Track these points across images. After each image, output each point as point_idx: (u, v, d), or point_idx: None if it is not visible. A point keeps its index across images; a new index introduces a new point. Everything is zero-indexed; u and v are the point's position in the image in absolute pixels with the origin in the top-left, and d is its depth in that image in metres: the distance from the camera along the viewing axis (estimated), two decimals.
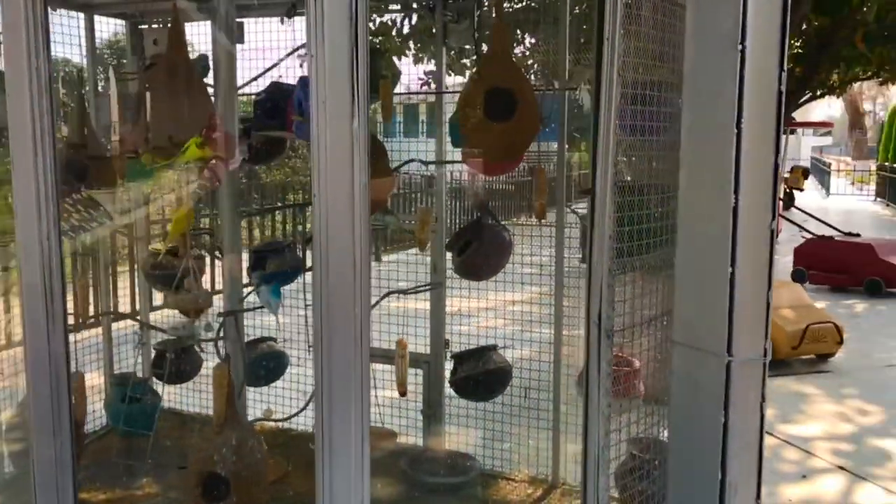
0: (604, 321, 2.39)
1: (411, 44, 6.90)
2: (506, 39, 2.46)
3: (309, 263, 3.97)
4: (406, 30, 6.63)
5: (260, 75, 3.14)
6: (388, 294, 3.28)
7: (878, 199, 22.13)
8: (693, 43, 1.87)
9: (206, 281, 4.53)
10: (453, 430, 3.97)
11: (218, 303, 3.87)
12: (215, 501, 2.48)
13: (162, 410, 4.08)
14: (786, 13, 1.74)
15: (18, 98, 2.11)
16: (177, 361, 4.10)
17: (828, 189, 24.03)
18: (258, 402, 4.29)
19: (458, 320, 4.25)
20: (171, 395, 4.36)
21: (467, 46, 3.46)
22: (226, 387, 2.51)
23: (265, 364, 3.90)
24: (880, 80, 12.62)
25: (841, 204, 21.04)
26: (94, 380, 4.17)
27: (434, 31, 3.66)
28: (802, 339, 6.44)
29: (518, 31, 5.63)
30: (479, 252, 3.44)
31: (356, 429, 2.16)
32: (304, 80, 2.43)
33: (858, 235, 10.40)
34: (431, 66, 7.46)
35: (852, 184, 25.68)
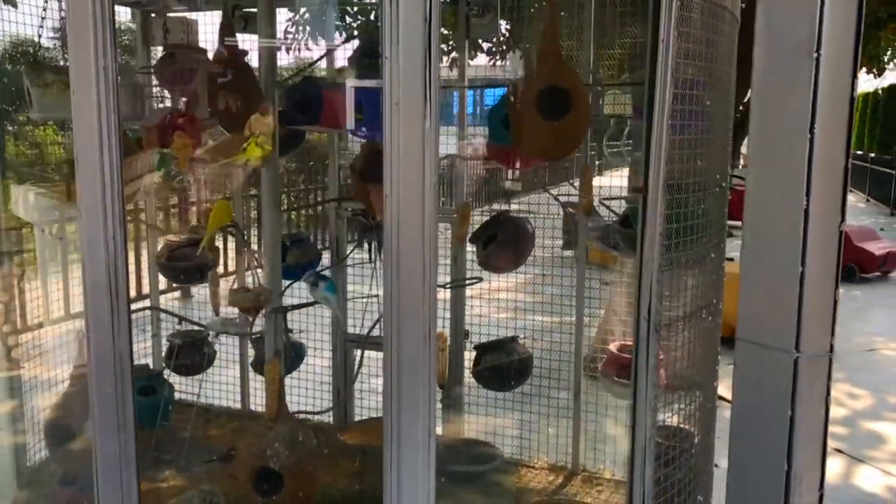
0: (653, 316, 2.47)
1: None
2: (558, 36, 2.49)
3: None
4: None
5: (305, 69, 3.13)
6: None
7: None
8: (763, 49, 1.92)
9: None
10: (472, 419, 4.03)
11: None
12: (269, 495, 2.51)
13: (175, 402, 4.08)
14: (860, 22, 1.81)
15: (85, 96, 2.10)
16: (191, 353, 4.11)
17: None
18: (261, 391, 4.32)
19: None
20: (184, 388, 4.35)
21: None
22: (277, 382, 2.54)
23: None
24: None
25: None
26: None
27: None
28: None
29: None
30: (505, 244, 3.49)
31: (423, 424, 2.20)
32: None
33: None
34: None
35: None
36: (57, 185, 4.66)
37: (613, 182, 4.11)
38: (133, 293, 4.76)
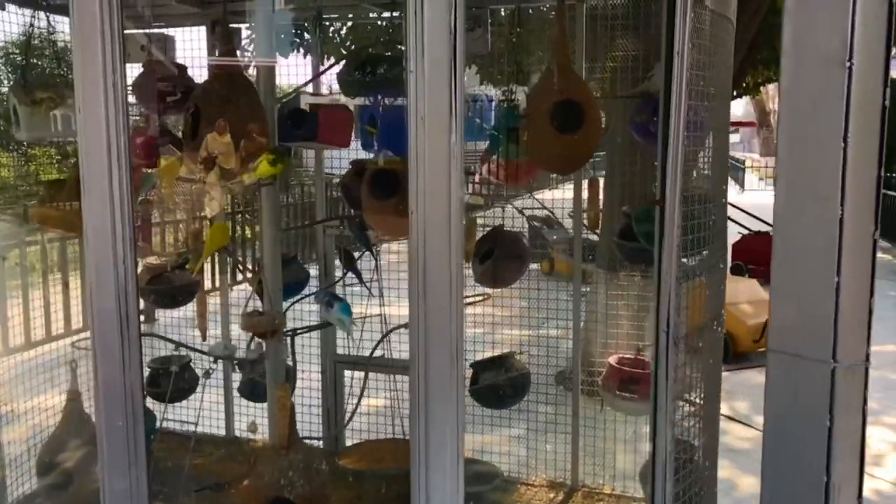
0: (671, 329, 2.45)
1: None
2: (567, 50, 2.47)
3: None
4: None
5: (304, 85, 3.05)
6: None
7: None
8: (793, 59, 1.92)
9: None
10: (468, 437, 3.96)
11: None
12: None
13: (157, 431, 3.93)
14: (890, 32, 1.82)
15: (93, 115, 2.00)
16: (175, 379, 3.97)
17: (742, 185, 25.09)
18: (246, 416, 4.21)
19: None
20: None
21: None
22: (288, 408, 2.45)
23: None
24: None
25: (755, 199, 21.93)
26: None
27: None
28: (763, 333, 6.70)
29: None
30: (502, 260, 3.45)
31: (452, 446, 2.14)
32: (378, 94, 2.38)
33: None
34: None
35: (760, 179, 26.84)
36: (10, 208, 4.49)
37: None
38: None
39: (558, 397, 4.13)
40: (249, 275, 2.78)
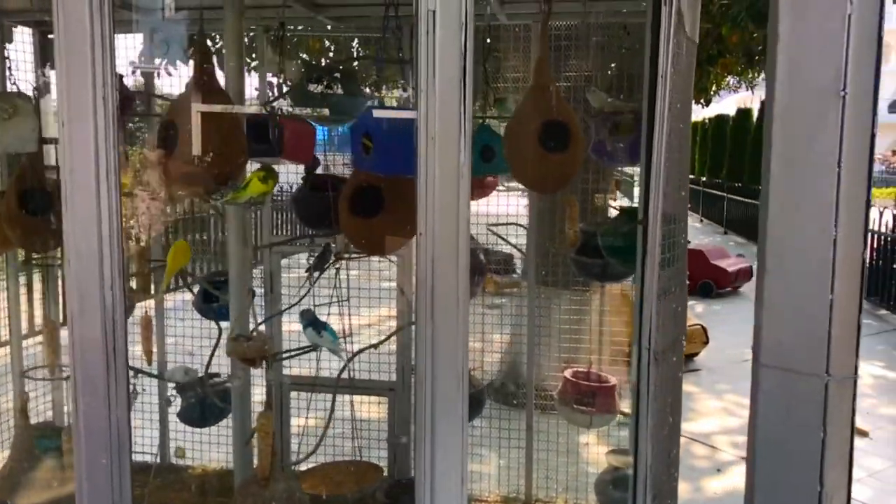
0: (653, 345, 2.51)
1: None
2: (549, 70, 2.50)
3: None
4: None
5: (275, 99, 2.94)
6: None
7: None
8: (785, 88, 2.01)
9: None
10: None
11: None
12: None
13: None
14: (880, 60, 1.94)
15: (80, 130, 1.87)
16: None
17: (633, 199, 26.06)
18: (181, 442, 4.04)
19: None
20: None
21: None
22: (271, 436, 2.35)
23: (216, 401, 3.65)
24: None
25: None
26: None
27: None
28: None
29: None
30: None
31: (456, 468, 2.10)
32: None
33: (689, 242, 11.41)
34: None
35: None
36: None
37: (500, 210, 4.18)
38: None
39: (492, 411, 4.16)
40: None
